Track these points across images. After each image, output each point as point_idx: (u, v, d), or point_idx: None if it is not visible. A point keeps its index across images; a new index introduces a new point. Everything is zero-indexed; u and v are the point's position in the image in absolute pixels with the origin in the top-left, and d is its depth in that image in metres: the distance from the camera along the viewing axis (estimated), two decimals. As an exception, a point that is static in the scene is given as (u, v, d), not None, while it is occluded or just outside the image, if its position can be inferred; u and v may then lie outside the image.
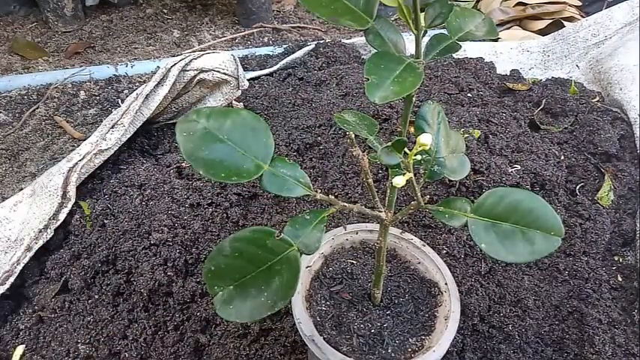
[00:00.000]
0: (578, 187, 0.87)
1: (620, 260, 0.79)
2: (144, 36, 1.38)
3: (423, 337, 0.50)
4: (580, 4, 1.46)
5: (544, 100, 1.03)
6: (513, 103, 1.03)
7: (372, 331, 0.50)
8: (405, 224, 0.78)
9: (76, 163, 0.80)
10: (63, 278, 0.72)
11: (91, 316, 0.68)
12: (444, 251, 0.73)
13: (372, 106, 0.94)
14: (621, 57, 1.07)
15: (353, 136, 0.38)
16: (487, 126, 0.91)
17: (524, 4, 1.43)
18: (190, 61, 0.91)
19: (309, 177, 0.58)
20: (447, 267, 0.55)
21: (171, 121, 0.99)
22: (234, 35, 1.39)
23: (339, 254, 0.57)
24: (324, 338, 0.47)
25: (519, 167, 0.83)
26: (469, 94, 1.03)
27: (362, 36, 1.32)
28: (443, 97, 1.01)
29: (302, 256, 0.36)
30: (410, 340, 0.49)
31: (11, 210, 0.79)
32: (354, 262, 0.56)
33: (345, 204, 0.40)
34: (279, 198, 0.81)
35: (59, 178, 0.77)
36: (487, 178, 0.80)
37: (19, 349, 0.65)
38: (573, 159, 0.91)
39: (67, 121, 1.03)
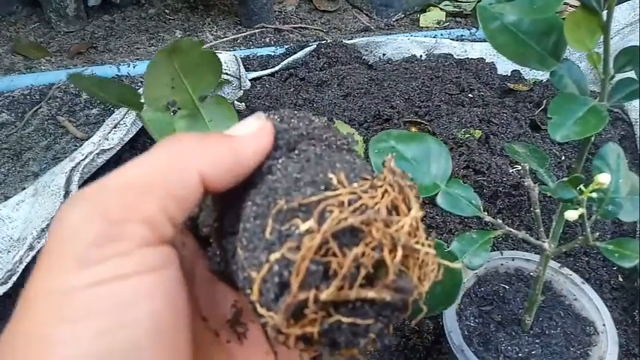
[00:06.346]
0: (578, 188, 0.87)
1: (621, 260, 0.79)
2: (146, 36, 1.39)
3: None
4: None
5: (545, 101, 1.03)
6: (514, 103, 1.03)
7: (520, 355, 0.50)
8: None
9: (79, 163, 0.80)
10: (65, 277, 0.72)
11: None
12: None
13: (373, 106, 0.94)
14: (622, 58, 1.07)
15: (527, 167, 0.41)
16: (488, 126, 0.92)
17: (526, 5, 1.43)
18: (192, 61, 0.91)
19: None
20: (606, 308, 0.53)
21: (173, 121, 0.99)
22: (236, 35, 1.39)
23: (492, 277, 0.58)
24: (472, 351, 0.48)
25: (520, 167, 0.83)
26: (470, 95, 1.03)
27: (363, 36, 1.31)
28: (444, 98, 1.01)
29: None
30: None
31: (14, 209, 0.79)
32: (507, 287, 0.57)
33: (511, 229, 0.42)
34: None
35: (62, 178, 0.78)
36: (488, 178, 0.80)
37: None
38: (574, 159, 0.91)
39: (70, 121, 1.04)
